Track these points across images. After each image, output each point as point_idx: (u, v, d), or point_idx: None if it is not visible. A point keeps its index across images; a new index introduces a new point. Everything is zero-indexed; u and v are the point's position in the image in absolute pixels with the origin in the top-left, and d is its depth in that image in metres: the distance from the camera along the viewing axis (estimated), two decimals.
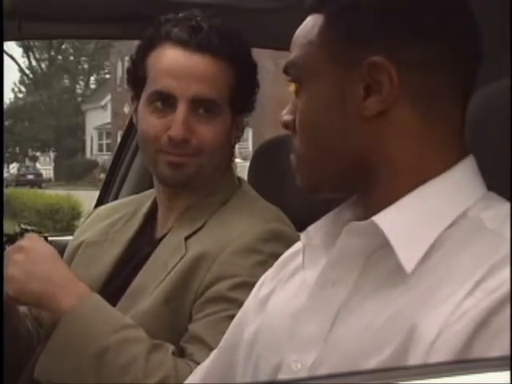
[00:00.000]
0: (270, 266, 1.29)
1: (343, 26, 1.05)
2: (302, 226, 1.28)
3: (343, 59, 1.05)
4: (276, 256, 1.39)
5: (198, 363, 1.38)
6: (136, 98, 1.69)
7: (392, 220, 1.02)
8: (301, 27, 1.11)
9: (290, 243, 1.47)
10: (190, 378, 1.34)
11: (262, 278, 1.27)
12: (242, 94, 1.66)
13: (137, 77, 1.68)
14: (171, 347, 1.48)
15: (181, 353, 1.50)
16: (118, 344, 1.45)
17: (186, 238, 1.61)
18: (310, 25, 1.09)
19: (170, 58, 1.62)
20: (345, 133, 1.05)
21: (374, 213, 1.03)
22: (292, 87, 1.13)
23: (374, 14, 1.04)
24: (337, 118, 1.06)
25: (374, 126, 1.04)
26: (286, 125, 1.13)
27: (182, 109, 1.60)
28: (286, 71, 1.13)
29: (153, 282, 1.58)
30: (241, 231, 1.57)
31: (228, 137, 1.66)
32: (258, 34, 1.69)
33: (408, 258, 0.99)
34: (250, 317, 1.22)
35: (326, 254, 1.10)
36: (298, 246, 1.23)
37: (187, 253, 1.58)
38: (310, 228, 1.14)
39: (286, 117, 1.13)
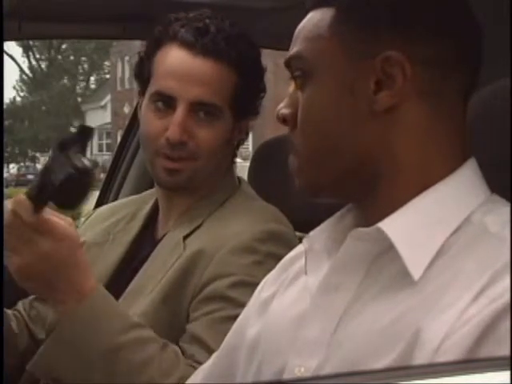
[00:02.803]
0: (267, 265, 1.28)
1: (356, 21, 1.04)
2: (302, 226, 1.28)
3: (355, 53, 1.04)
4: (273, 256, 1.39)
5: (201, 363, 1.37)
6: (141, 94, 1.70)
7: (398, 226, 1.01)
8: (304, 21, 1.10)
9: (287, 243, 1.47)
10: (191, 379, 1.34)
11: (264, 280, 1.26)
12: (245, 99, 1.65)
13: (143, 73, 1.68)
14: (177, 347, 1.47)
15: (181, 353, 1.49)
16: (132, 343, 1.41)
17: (185, 237, 1.61)
18: (317, 18, 1.08)
19: (174, 59, 1.62)
20: (352, 128, 1.04)
21: (378, 217, 1.03)
22: (292, 86, 1.12)
23: (388, 9, 1.03)
24: (345, 113, 1.04)
25: (383, 123, 1.03)
26: (283, 119, 1.10)
27: (180, 111, 1.60)
28: (288, 64, 1.11)
29: (151, 282, 1.58)
30: (238, 230, 1.57)
31: (228, 140, 1.66)
32: (258, 34, 1.68)
33: (415, 264, 0.99)
34: (252, 319, 1.22)
35: (329, 259, 1.10)
36: (299, 248, 1.22)
37: (185, 251, 1.58)
38: (312, 233, 1.13)
39: (284, 110, 1.10)
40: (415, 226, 1.01)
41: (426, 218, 1.02)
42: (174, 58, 1.62)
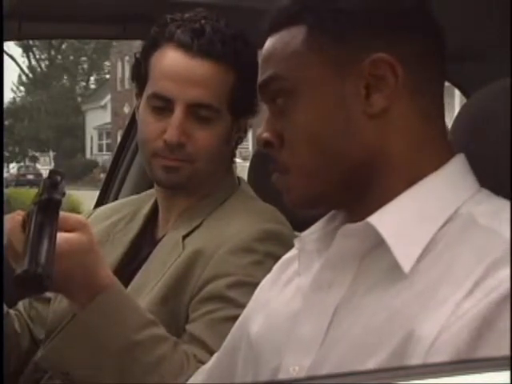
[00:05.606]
0: (266, 265, 1.28)
1: (333, 32, 1.04)
2: (301, 226, 1.28)
3: (338, 63, 1.04)
4: (272, 256, 1.38)
5: (203, 364, 1.37)
6: (139, 95, 1.70)
7: (387, 220, 1.02)
8: (270, 45, 1.10)
9: (286, 243, 1.46)
10: (192, 380, 1.34)
11: (263, 281, 1.27)
12: (243, 98, 1.64)
13: (140, 75, 1.68)
14: (186, 346, 1.45)
15: None
16: (148, 340, 1.38)
17: (184, 237, 1.61)
18: (286, 38, 1.07)
19: (171, 61, 1.61)
20: (347, 135, 1.04)
21: (369, 213, 1.03)
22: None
23: (367, 14, 1.04)
24: (339, 122, 1.04)
25: (377, 124, 1.04)
26: (268, 143, 1.10)
27: (178, 113, 1.60)
28: (264, 87, 1.10)
29: (151, 282, 1.58)
30: (237, 230, 1.57)
31: (226, 141, 1.66)
32: (257, 34, 1.68)
33: (405, 257, 0.99)
34: (250, 320, 1.22)
35: (320, 259, 1.10)
36: (295, 250, 1.22)
37: (184, 251, 1.58)
38: (304, 234, 1.14)
39: (266, 134, 1.10)
40: (404, 220, 1.01)
41: (416, 211, 1.02)
42: (171, 59, 1.62)
